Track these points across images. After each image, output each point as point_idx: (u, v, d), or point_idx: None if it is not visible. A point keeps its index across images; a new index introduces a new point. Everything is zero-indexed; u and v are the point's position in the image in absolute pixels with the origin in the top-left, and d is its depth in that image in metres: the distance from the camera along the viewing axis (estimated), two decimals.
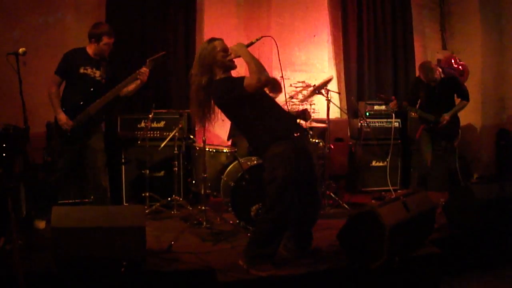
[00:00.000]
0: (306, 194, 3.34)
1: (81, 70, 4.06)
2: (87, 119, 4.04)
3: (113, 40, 4.15)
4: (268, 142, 3.19)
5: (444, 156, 4.97)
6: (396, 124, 5.95)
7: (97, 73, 4.12)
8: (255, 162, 4.28)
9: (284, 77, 3.91)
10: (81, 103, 4.04)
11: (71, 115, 4.01)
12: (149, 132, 4.91)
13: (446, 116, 4.89)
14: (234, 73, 3.34)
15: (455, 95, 5.04)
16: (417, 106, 5.12)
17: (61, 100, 4.08)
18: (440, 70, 4.99)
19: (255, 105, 3.19)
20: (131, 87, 4.20)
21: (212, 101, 3.29)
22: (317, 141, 4.99)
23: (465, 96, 5.00)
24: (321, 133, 5.23)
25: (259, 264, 3.14)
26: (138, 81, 4.14)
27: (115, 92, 4.12)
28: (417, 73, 6.54)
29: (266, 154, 3.22)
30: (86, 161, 4.18)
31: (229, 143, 5.21)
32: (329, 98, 5.02)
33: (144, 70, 4.11)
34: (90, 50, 4.12)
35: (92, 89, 4.08)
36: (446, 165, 5.02)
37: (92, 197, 4.37)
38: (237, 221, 4.18)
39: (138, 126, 5.12)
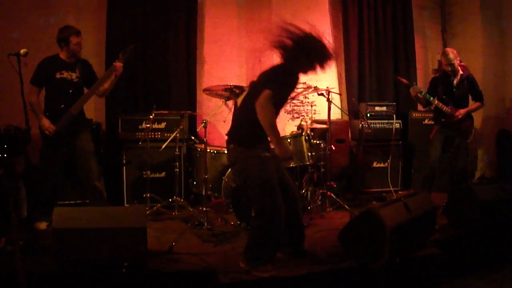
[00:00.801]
0: (283, 191, 3.29)
1: (57, 76, 4.09)
2: (71, 120, 4.06)
3: (82, 38, 4.18)
4: (262, 139, 3.19)
5: (455, 156, 4.96)
6: (397, 125, 5.94)
7: (74, 75, 4.15)
8: None
9: None
10: (62, 106, 4.06)
11: (54, 119, 4.03)
12: (150, 133, 4.91)
13: (462, 111, 4.88)
14: None
15: (470, 96, 5.04)
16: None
17: (44, 107, 4.11)
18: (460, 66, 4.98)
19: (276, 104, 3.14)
20: (107, 84, 4.22)
21: None
22: (318, 142, 4.99)
23: (480, 97, 4.99)
24: (322, 134, 5.23)
25: (260, 265, 3.13)
26: (113, 77, 4.16)
27: (94, 90, 4.16)
28: (418, 73, 6.61)
29: (251, 153, 3.17)
30: (77, 163, 4.18)
31: None
32: (330, 99, 5.03)
33: (118, 64, 4.13)
34: (63, 55, 4.16)
35: (71, 91, 4.11)
36: (452, 166, 5.02)
37: (88, 199, 4.35)
38: (238, 222, 4.19)
39: (139, 127, 5.11)
